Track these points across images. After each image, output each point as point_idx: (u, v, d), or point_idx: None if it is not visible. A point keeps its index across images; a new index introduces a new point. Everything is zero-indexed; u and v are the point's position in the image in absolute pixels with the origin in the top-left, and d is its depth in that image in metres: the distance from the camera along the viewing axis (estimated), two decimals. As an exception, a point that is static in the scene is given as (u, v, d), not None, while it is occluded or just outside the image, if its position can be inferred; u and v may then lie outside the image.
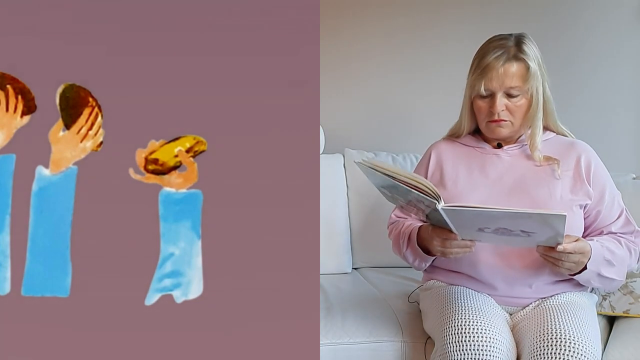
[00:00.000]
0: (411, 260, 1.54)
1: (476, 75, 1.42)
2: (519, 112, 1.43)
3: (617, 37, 2.30)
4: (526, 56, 1.40)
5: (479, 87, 1.41)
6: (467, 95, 1.48)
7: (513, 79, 1.39)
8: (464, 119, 1.52)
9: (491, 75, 1.39)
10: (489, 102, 1.42)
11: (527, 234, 1.22)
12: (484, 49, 1.44)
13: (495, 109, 1.41)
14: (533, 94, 1.41)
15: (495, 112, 1.41)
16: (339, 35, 2.31)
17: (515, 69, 1.39)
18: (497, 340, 1.27)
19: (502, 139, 1.49)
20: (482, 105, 1.44)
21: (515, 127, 1.45)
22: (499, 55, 1.39)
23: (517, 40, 1.42)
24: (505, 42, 1.42)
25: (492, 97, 1.41)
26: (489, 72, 1.39)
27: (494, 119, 1.42)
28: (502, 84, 1.39)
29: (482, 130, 1.50)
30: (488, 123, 1.45)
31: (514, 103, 1.41)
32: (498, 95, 1.40)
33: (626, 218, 1.48)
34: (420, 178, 1.23)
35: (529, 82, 1.40)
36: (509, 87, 1.39)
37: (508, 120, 1.43)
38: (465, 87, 1.49)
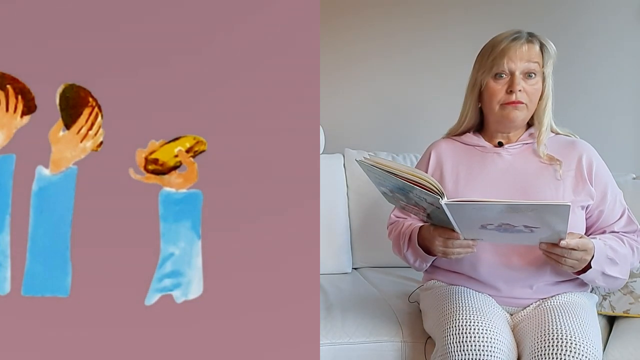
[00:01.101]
0: (412, 261, 1.54)
1: (495, 56, 1.42)
2: (535, 96, 1.44)
3: (617, 37, 2.30)
4: (542, 40, 1.43)
5: (501, 66, 1.41)
6: (471, 90, 1.48)
7: (534, 56, 1.42)
8: (469, 111, 1.51)
9: (512, 54, 1.41)
10: (508, 82, 1.42)
11: (530, 229, 1.22)
12: (494, 40, 1.46)
13: (514, 87, 1.41)
14: (547, 78, 1.43)
15: (515, 91, 1.41)
16: (339, 35, 2.31)
17: (536, 49, 1.43)
18: (497, 340, 1.26)
19: (514, 126, 1.47)
20: (498, 87, 1.43)
21: (530, 111, 1.46)
22: (516, 37, 1.43)
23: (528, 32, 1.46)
24: (515, 31, 1.45)
25: (510, 77, 1.42)
26: (509, 51, 1.41)
27: (511, 101, 1.42)
28: (524, 60, 1.41)
29: (492, 118, 1.48)
30: (503, 106, 1.44)
31: (531, 85, 1.42)
32: (517, 74, 1.41)
33: (628, 217, 1.48)
34: (422, 174, 1.22)
35: (546, 63, 1.43)
36: (531, 66, 1.41)
37: (524, 103, 1.43)
38: (474, 75, 1.48)
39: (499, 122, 1.47)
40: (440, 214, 1.27)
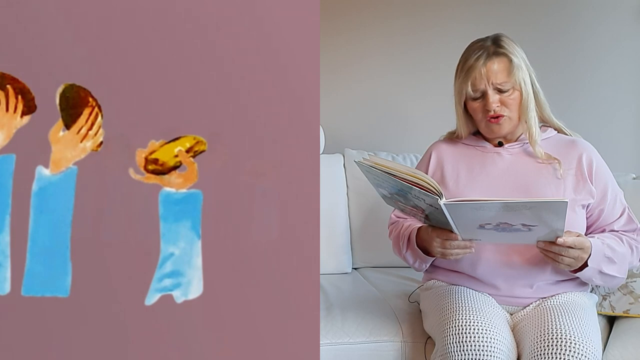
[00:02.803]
0: (411, 262, 1.54)
1: (461, 79, 1.44)
2: (514, 105, 1.44)
3: (617, 37, 2.31)
4: (505, 50, 1.42)
5: (466, 89, 1.43)
6: (458, 102, 1.50)
7: (497, 75, 1.41)
8: (461, 126, 1.54)
9: (475, 75, 1.41)
10: (483, 101, 1.43)
11: (528, 227, 1.23)
12: (464, 54, 1.48)
13: (489, 105, 1.42)
14: (521, 85, 1.43)
15: (490, 109, 1.42)
16: (339, 35, 2.32)
17: (497, 65, 1.41)
18: (497, 340, 1.27)
19: (504, 136, 1.49)
20: (476, 105, 1.45)
21: (514, 121, 1.46)
22: (478, 55, 1.42)
23: (494, 39, 1.45)
24: (482, 43, 1.45)
25: (484, 95, 1.42)
26: (472, 73, 1.41)
27: (492, 115, 1.43)
28: (488, 81, 1.41)
29: (482, 131, 1.51)
30: (487, 122, 1.45)
31: (507, 97, 1.43)
32: (489, 92, 1.41)
33: (628, 216, 1.48)
34: (421, 174, 1.23)
35: (514, 75, 1.42)
36: (496, 83, 1.41)
37: (506, 115, 1.44)
38: (454, 95, 1.50)
39: (487, 134, 1.50)
40: (438, 215, 1.28)
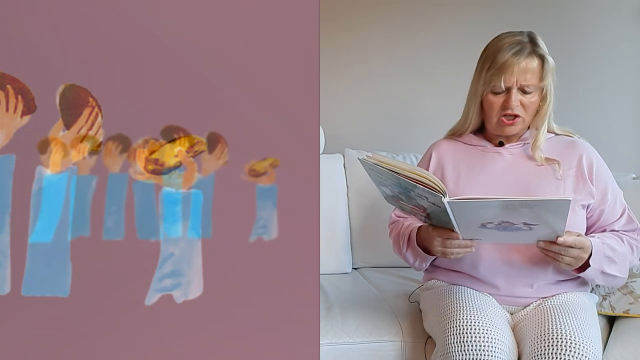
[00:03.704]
0: (411, 261, 1.54)
1: (493, 71, 1.40)
2: (532, 109, 1.43)
3: (617, 37, 2.31)
4: (542, 51, 1.41)
5: (498, 82, 1.40)
6: (478, 93, 1.46)
7: (529, 76, 1.39)
8: (472, 116, 1.50)
9: (512, 71, 1.39)
10: (504, 97, 1.42)
11: (529, 227, 1.23)
12: (496, 45, 1.43)
13: (510, 104, 1.40)
14: (548, 90, 1.43)
15: (510, 107, 1.41)
16: (339, 35, 2.31)
17: (535, 65, 1.40)
18: (498, 340, 1.27)
19: (511, 135, 1.48)
20: (496, 101, 1.43)
21: (526, 123, 1.46)
22: (517, 50, 1.39)
23: (530, 37, 1.43)
24: (519, 38, 1.42)
25: (507, 92, 1.41)
26: (509, 68, 1.39)
27: (508, 114, 1.42)
28: (521, 78, 1.39)
29: (490, 127, 1.49)
30: (500, 119, 1.44)
31: (527, 99, 1.42)
32: (514, 90, 1.40)
33: (628, 216, 1.48)
34: (425, 172, 1.23)
35: (546, 79, 1.41)
36: (524, 83, 1.39)
37: (521, 117, 1.43)
38: (474, 84, 1.47)
39: (495, 132, 1.49)
40: (440, 214, 1.27)
